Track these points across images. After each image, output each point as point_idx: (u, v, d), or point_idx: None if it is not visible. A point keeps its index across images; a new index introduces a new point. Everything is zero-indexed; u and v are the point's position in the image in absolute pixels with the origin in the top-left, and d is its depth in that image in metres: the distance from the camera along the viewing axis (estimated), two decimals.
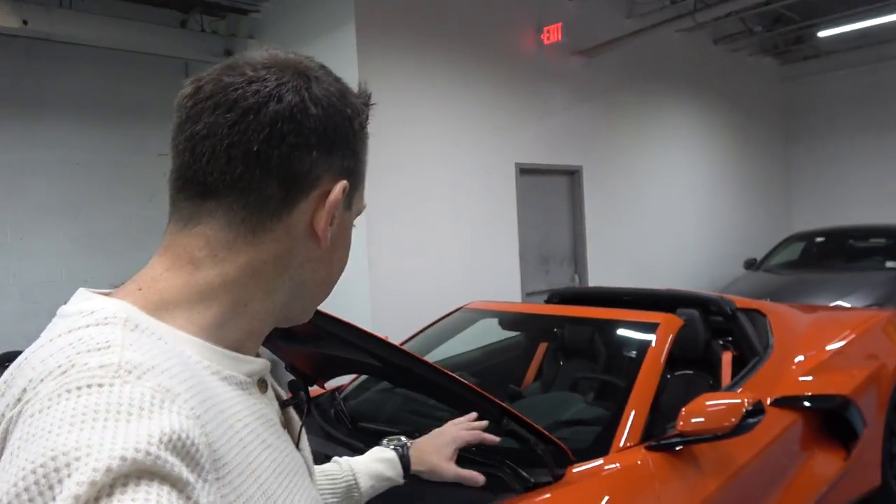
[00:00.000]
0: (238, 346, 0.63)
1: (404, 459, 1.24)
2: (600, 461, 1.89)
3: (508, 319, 3.16)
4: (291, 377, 0.78)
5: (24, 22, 4.88)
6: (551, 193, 6.63)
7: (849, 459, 2.77)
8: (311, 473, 0.73)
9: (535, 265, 6.39)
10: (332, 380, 2.76)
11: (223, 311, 0.61)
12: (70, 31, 5.23)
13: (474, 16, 5.79)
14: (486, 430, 1.91)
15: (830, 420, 2.81)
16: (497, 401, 1.73)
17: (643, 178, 7.71)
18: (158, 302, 0.59)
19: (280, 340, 2.28)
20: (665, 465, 1.95)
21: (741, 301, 3.10)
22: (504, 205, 6.01)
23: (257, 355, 0.67)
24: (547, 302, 3.54)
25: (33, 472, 0.40)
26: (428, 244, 5.37)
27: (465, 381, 1.74)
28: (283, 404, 0.72)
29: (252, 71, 0.62)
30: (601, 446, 1.97)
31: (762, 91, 10.39)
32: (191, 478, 0.45)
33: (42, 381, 0.47)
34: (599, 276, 6.81)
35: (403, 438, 1.34)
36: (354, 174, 0.68)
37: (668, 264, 7.82)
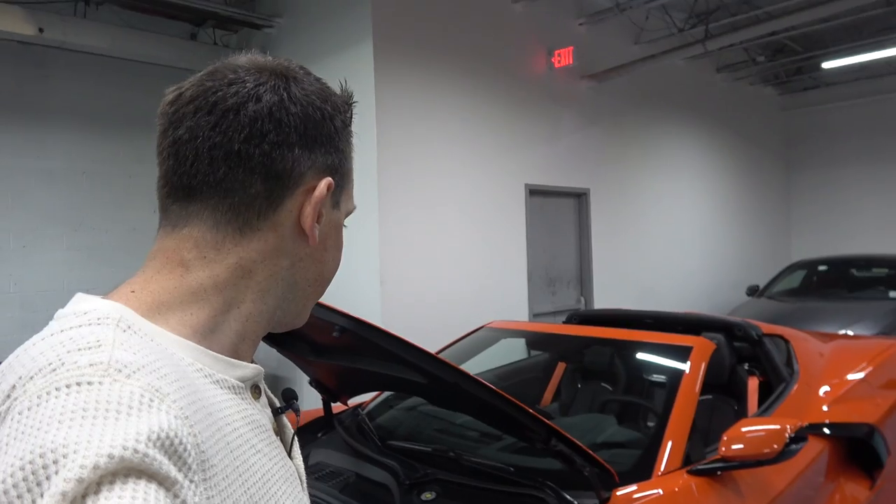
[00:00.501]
0: (233, 350, 0.63)
1: None
2: (644, 485, 1.86)
3: (537, 339, 3.13)
4: (289, 388, 0.75)
5: (40, 30, 4.87)
6: (559, 215, 6.64)
7: (874, 488, 2.75)
8: (302, 482, 0.72)
9: (542, 286, 6.37)
10: (354, 396, 2.74)
11: (215, 314, 0.61)
12: (83, 40, 5.22)
13: (487, 37, 5.84)
14: (533, 448, 1.89)
15: (855, 449, 2.79)
16: (546, 420, 1.70)
17: (648, 202, 7.75)
18: (151, 304, 0.59)
19: (311, 355, 2.26)
20: (707, 490, 1.93)
21: (763, 326, 3.09)
22: (513, 225, 6.01)
23: (252, 362, 0.67)
24: (567, 322, 3.52)
25: (21, 468, 0.40)
26: (439, 262, 5.35)
27: (514, 399, 1.71)
28: (277, 412, 0.72)
29: (232, 74, 0.62)
30: (643, 470, 1.94)
31: (763, 119, 10.52)
32: (178, 476, 0.45)
33: (32, 378, 0.47)
34: (605, 298, 6.80)
35: None
36: (340, 172, 0.68)
37: (672, 288, 7.83)
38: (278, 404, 0.73)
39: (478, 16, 5.77)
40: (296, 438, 0.75)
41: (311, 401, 4.67)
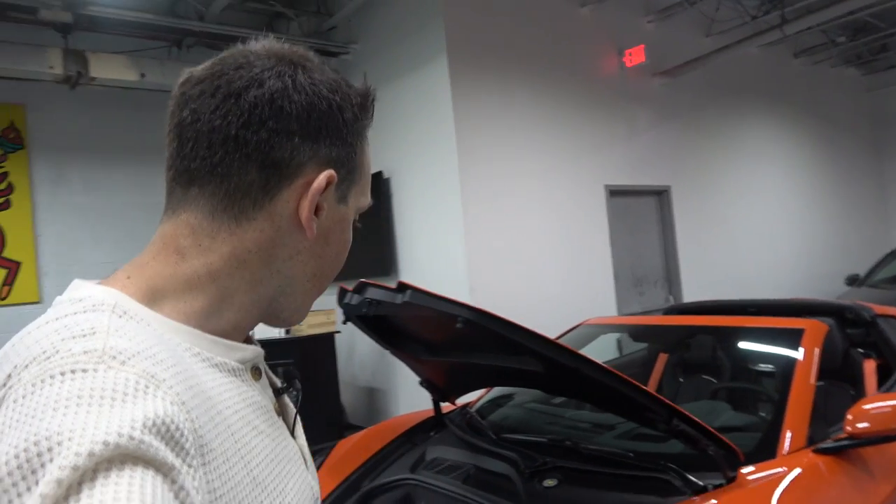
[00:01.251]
0: (227, 337, 0.62)
1: None
2: (769, 463, 1.86)
3: (639, 331, 3.14)
4: (285, 365, 0.74)
5: (142, 75, 5.27)
6: (641, 214, 6.58)
7: None
8: (306, 461, 0.71)
9: (629, 287, 6.32)
10: (463, 395, 2.83)
11: (210, 302, 0.61)
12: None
13: (557, 43, 5.90)
14: (657, 432, 1.92)
15: None
16: (667, 401, 1.74)
17: (733, 196, 7.56)
18: (146, 290, 0.58)
19: (424, 354, 2.37)
20: (835, 468, 1.90)
21: (875, 308, 3.00)
22: (596, 227, 6.01)
23: (250, 342, 0.67)
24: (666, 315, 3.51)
25: (16, 456, 0.40)
26: (525, 267, 5.41)
27: (635, 382, 1.75)
28: (278, 392, 0.71)
29: (242, 58, 0.62)
30: (766, 450, 1.94)
31: (847, 102, 10.07)
32: (176, 462, 0.44)
33: (27, 366, 0.46)
34: (694, 296, 6.66)
35: None
36: (348, 166, 0.66)
37: (764, 282, 7.58)
38: (279, 385, 0.73)
39: (546, 23, 5.84)
40: (298, 418, 0.74)
41: (418, 403, 4.79)
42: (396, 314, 2.06)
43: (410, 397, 5.59)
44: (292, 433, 0.71)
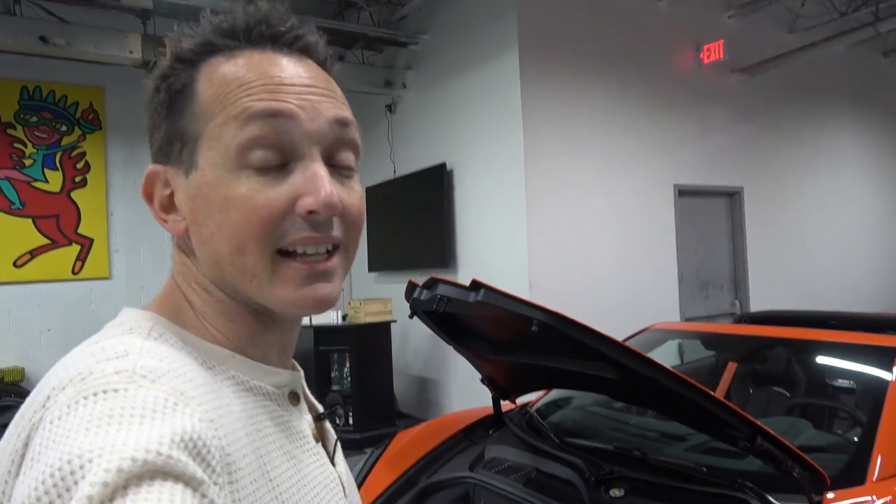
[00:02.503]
0: (257, 353, 0.61)
1: None
2: (857, 490, 1.74)
3: (711, 339, 3.02)
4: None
5: None
6: (710, 216, 6.36)
7: None
8: (345, 489, 0.68)
9: (693, 290, 6.12)
10: (524, 395, 2.77)
11: (204, 319, 0.61)
12: None
13: (633, 37, 5.73)
14: (736, 449, 1.82)
15: None
16: (751, 418, 1.64)
17: (808, 200, 7.22)
18: (172, 310, 0.60)
19: (490, 352, 2.32)
20: None
21: None
22: (663, 227, 5.83)
23: (291, 367, 0.66)
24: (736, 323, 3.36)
25: (51, 475, 0.41)
26: (587, 264, 5.30)
27: (715, 395, 1.66)
28: (318, 418, 0.70)
29: None
30: (854, 475, 1.81)
31: None
32: (204, 477, 0.45)
33: (63, 388, 0.48)
34: (761, 302, 6.41)
35: None
36: (176, 137, 0.59)
37: (837, 292, 7.23)
38: (320, 410, 0.72)
39: (622, 17, 5.68)
40: (338, 445, 0.73)
41: (470, 394, 4.78)
42: (465, 311, 2.02)
43: (462, 389, 5.57)
44: (332, 460, 0.69)
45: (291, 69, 0.59)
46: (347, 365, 5.67)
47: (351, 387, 5.55)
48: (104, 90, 5.97)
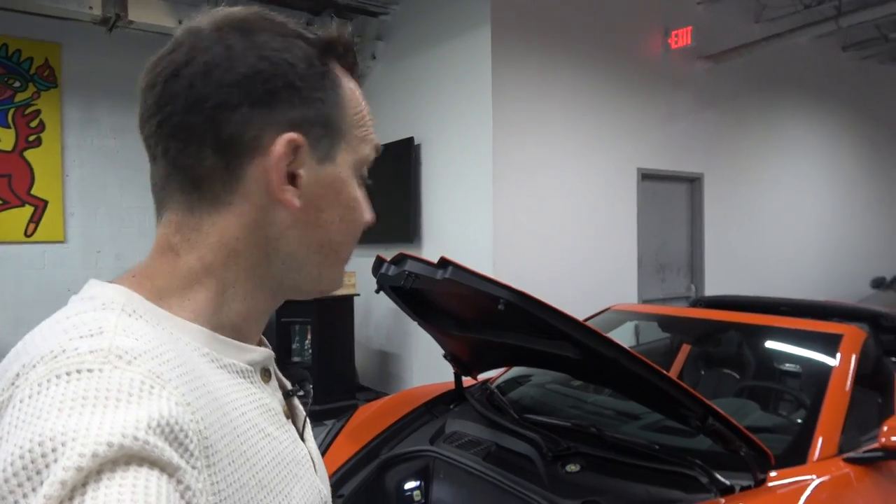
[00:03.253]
0: (238, 330, 0.61)
1: None
2: (799, 469, 1.84)
3: (667, 322, 3.11)
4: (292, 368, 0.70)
5: (180, 21, 5.18)
6: (671, 200, 6.49)
7: None
8: (315, 465, 0.70)
9: (651, 272, 6.26)
10: (486, 371, 2.82)
11: (212, 296, 0.59)
12: None
13: (603, 19, 5.76)
14: (688, 428, 1.90)
15: None
16: (703, 399, 1.71)
17: (765, 188, 7.42)
18: (151, 289, 0.57)
19: (454, 329, 2.35)
20: (865, 479, 1.88)
21: None
22: (625, 210, 5.93)
23: (261, 344, 0.66)
24: (693, 307, 3.46)
25: (21, 457, 0.40)
26: (550, 244, 5.37)
27: (673, 378, 1.72)
28: (288, 395, 0.69)
29: (182, 37, 0.58)
30: (796, 455, 1.91)
31: (893, 102, 9.79)
32: (181, 462, 0.44)
33: (34, 366, 0.46)
34: (716, 286, 6.60)
35: None
36: (322, 123, 0.60)
37: (788, 278, 7.48)
38: (289, 387, 0.71)
39: None
40: (308, 421, 0.73)
41: (430, 369, 4.84)
42: (432, 288, 2.04)
43: (423, 364, 5.62)
44: (302, 436, 0.69)
45: None
46: (309, 337, 5.66)
47: (312, 359, 5.55)
48: (62, 46, 5.74)
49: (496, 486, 2.01)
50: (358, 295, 5.72)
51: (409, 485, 2.27)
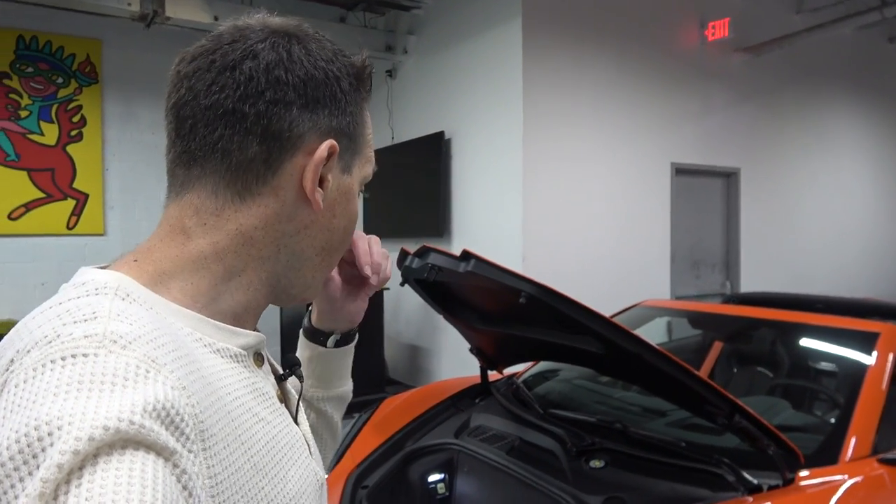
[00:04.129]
0: (235, 319, 0.62)
1: (307, 332, 0.98)
2: (830, 469, 1.80)
3: (698, 318, 3.06)
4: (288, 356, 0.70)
5: (216, 18, 5.30)
6: (706, 195, 6.37)
7: None
8: (310, 448, 0.71)
9: (685, 269, 6.16)
10: (511, 366, 2.81)
11: (216, 282, 0.60)
12: None
13: (637, 11, 5.67)
14: (715, 425, 1.86)
15: None
16: (729, 395, 1.68)
17: (804, 184, 7.23)
18: (153, 273, 0.58)
19: (479, 323, 2.35)
20: None
21: None
22: (658, 205, 5.84)
23: (255, 330, 0.66)
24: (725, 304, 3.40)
25: (17, 441, 0.40)
26: (581, 239, 5.32)
27: (698, 373, 1.70)
28: (280, 379, 0.71)
29: (237, 32, 0.61)
30: (828, 454, 1.87)
31: None
32: (177, 446, 0.44)
33: (28, 351, 0.46)
34: (752, 283, 6.46)
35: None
36: (349, 136, 0.65)
37: (828, 276, 7.29)
38: (281, 371, 0.72)
39: None
40: (301, 404, 0.74)
41: (459, 364, 4.84)
42: (456, 281, 2.04)
43: (452, 358, 5.63)
44: (295, 420, 0.70)
45: None
46: None
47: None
48: (102, 43, 5.88)
49: (520, 480, 2.01)
50: (388, 289, 5.75)
51: (434, 477, 2.28)
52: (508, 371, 2.87)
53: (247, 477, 0.54)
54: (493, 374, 2.79)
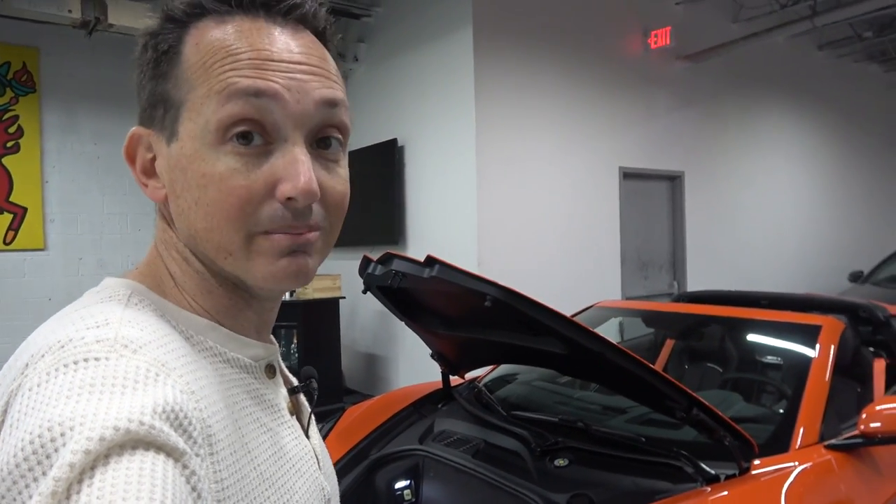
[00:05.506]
0: (231, 326, 0.61)
1: None
2: (782, 457, 1.88)
3: (651, 317, 3.15)
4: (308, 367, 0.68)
5: None
6: (652, 198, 6.56)
7: None
8: (319, 462, 0.70)
9: (634, 270, 6.33)
10: (473, 370, 2.84)
11: (183, 289, 0.60)
12: None
13: (584, 20, 5.81)
14: (673, 419, 1.93)
15: None
16: (687, 390, 1.74)
17: (745, 185, 7.53)
18: (154, 280, 0.59)
19: (441, 328, 2.36)
20: (846, 465, 1.92)
21: (890, 308, 3.00)
22: (608, 208, 5.99)
23: (269, 341, 0.66)
24: (676, 302, 3.51)
25: (31, 442, 0.41)
26: (534, 243, 5.41)
27: (657, 369, 1.75)
28: (293, 391, 0.70)
29: None
30: (779, 443, 1.95)
31: (868, 99, 9.97)
32: (186, 448, 0.45)
33: (42, 356, 0.47)
34: (698, 283, 6.68)
35: None
36: (160, 101, 0.57)
37: (769, 274, 7.60)
38: (295, 384, 0.71)
39: None
40: (313, 417, 0.73)
41: (417, 370, 4.85)
42: (419, 287, 2.05)
43: (410, 365, 5.63)
44: (307, 433, 0.70)
45: (282, 42, 0.55)
46: (295, 341, 5.65)
47: (298, 363, 5.53)
48: (39, 51, 5.68)
49: (486, 482, 2.03)
50: (343, 298, 5.72)
51: (400, 484, 2.28)
52: (469, 375, 2.90)
53: (252, 485, 0.54)
54: (454, 380, 2.81)
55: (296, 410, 0.69)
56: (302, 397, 0.72)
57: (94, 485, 0.39)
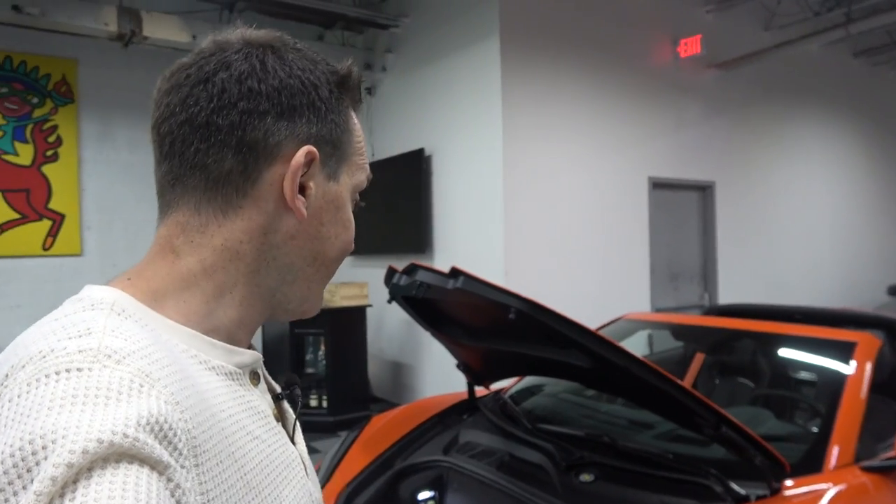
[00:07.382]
0: (229, 336, 0.62)
1: None
2: (815, 478, 1.83)
3: (681, 330, 3.10)
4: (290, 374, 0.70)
5: (194, 37, 5.30)
6: (683, 209, 6.47)
7: None
8: (306, 468, 0.70)
9: (663, 281, 6.24)
10: (498, 381, 2.82)
11: (208, 299, 0.60)
12: None
13: (612, 28, 5.78)
14: (701, 436, 1.89)
15: None
16: (715, 406, 1.71)
17: (778, 196, 7.38)
18: (146, 291, 0.58)
19: (466, 338, 2.36)
20: (882, 487, 1.86)
21: None
22: (636, 218, 5.93)
23: (250, 347, 0.66)
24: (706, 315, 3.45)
25: (11, 455, 0.40)
26: (561, 254, 5.37)
27: (684, 385, 1.72)
28: (277, 398, 0.70)
29: (214, 46, 0.61)
30: (812, 463, 1.90)
31: None
32: (170, 460, 0.44)
33: (23, 366, 0.46)
34: (729, 294, 6.56)
35: None
36: (332, 143, 0.63)
37: (803, 286, 7.43)
38: (279, 390, 0.71)
39: (603, 8, 5.72)
40: (297, 424, 0.73)
41: (443, 380, 4.85)
42: (444, 298, 2.05)
43: (436, 374, 5.63)
44: (292, 439, 0.70)
45: None
46: (322, 348, 5.69)
47: (325, 370, 5.57)
48: (78, 62, 5.84)
49: (510, 495, 2.01)
50: (370, 306, 5.74)
51: (423, 495, 2.27)
52: (495, 387, 2.88)
53: (239, 495, 0.54)
54: (479, 390, 2.80)
55: (281, 417, 0.69)
56: (286, 404, 0.72)
57: (76, 499, 0.39)
